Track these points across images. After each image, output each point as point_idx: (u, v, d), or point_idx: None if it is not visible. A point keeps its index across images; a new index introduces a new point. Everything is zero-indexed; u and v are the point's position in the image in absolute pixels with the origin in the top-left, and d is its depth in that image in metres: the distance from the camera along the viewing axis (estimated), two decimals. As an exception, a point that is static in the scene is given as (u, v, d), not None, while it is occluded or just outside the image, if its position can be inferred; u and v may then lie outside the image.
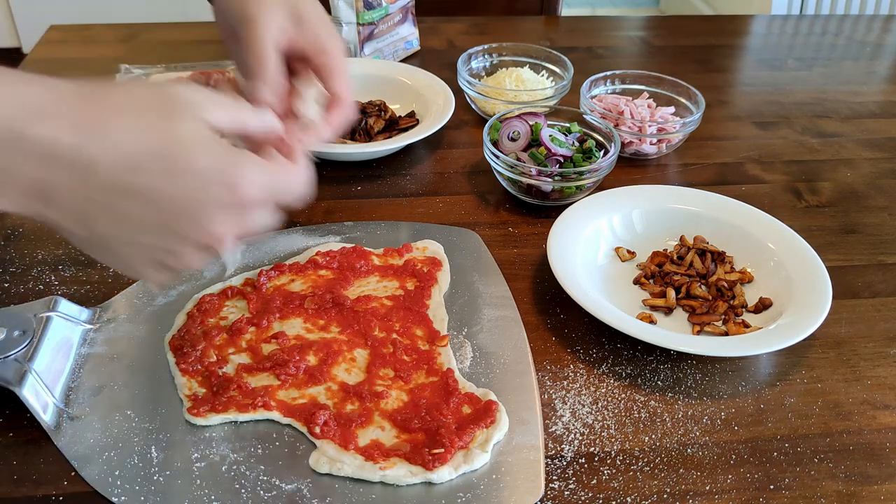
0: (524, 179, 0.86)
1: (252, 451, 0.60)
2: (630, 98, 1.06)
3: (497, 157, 0.87)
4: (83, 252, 0.48)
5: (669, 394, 0.67)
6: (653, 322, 0.74)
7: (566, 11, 2.66)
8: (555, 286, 0.74)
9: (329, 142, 0.60)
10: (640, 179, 0.97)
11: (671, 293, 0.76)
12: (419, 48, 1.29)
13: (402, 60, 1.25)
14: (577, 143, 0.93)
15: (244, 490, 0.57)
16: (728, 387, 0.68)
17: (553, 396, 0.66)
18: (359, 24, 1.17)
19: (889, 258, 0.85)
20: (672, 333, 0.71)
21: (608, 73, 1.08)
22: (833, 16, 1.92)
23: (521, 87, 1.08)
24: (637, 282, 0.79)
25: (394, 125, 1.01)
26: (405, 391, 0.65)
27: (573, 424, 0.64)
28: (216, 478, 0.58)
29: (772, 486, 0.60)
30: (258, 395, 0.63)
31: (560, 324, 0.74)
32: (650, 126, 0.97)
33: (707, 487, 0.59)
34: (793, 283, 0.75)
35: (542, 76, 1.14)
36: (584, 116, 0.95)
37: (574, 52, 1.27)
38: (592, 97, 1.05)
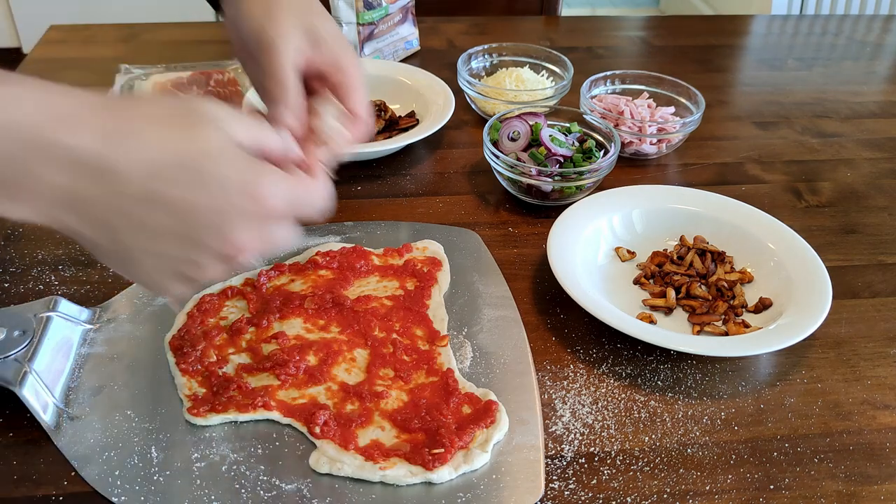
0: (524, 179, 0.86)
1: (252, 451, 0.60)
2: (630, 98, 1.06)
3: (497, 157, 0.87)
4: (105, 264, 0.48)
5: (669, 394, 0.67)
6: (653, 322, 0.74)
7: (566, 11, 2.66)
8: (555, 286, 0.74)
9: (347, 158, 0.61)
10: (640, 179, 0.97)
11: (671, 293, 0.76)
12: (419, 48, 1.29)
13: (402, 60, 1.25)
14: (577, 143, 0.93)
15: (244, 490, 0.57)
16: (728, 387, 0.68)
17: (553, 396, 0.66)
18: (359, 24, 1.17)
19: (889, 258, 0.85)
20: (672, 333, 0.71)
21: (608, 73, 1.08)
22: (833, 16, 1.92)
23: (521, 87, 1.08)
24: (637, 282, 0.79)
25: (394, 125, 1.01)
26: (405, 391, 0.65)
27: (573, 424, 0.64)
28: (216, 478, 0.58)
29: (772, 486, 0.60)
30: (258, 395, 0.63)
31: (560, 324, 0.74)
32: (650, 126, 0.97)
33: (707, 487, 0.59)
34: (793, 283, 0.75)
35: (542, 76, 1.14)
36: (584, 116, 0.95)
37: (574, 52, 1.27)
38: (592, 97, 1.05)
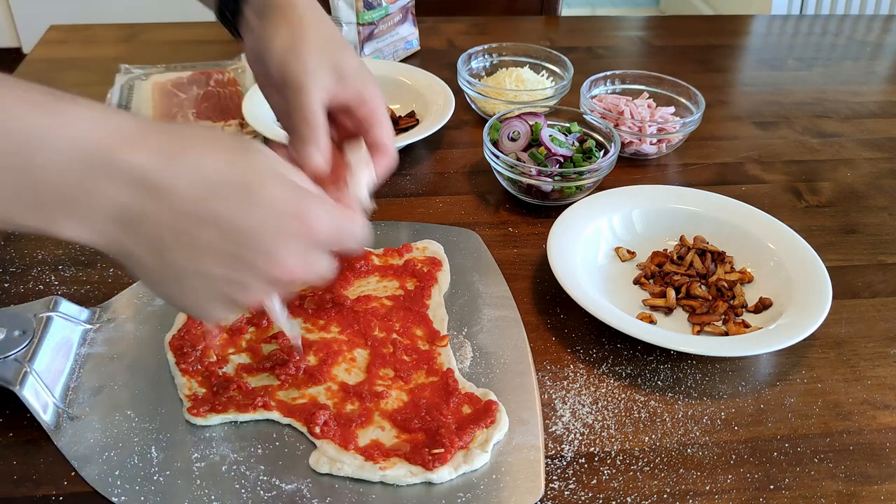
0: (524, 179, 0.86)
1: (252, 451, 0.60)
2: (630, 98, 1.06)
3: (497, 157, 0.87)
4: (151, 290, 0.49)
5: (669, 394, 0.67)
6: (653, 322, 0.74)
7: (566, 11, 2.66)
8: (555, 286, 0.74)
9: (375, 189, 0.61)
10: (640, 179, 0.97)
11: (671, 293, 0.76)
12: (419, 48, 1.29)
13: (402, 60, 1.25)
14: (577, 143, 0.93)
15: (244, 490, 0.57)
16: (728, 387, 0.68)
17: (553, 396, 0.66)
18: (359, 24, 1.17)
19: (889, 258, 0.85)
20: (672, 333, 0.71)
21: (608, 73, 1.08)
22: (833, 16, 1.92)
23: (521, 87, 1.08)
24: (637, 282, 0.79)
25: (393, 125, 1.01)
26: (405, 391, 0.65)
27: (573, 424, 0.64)
28: (216, 478, 0.58)
29: (772, 486, 0.60)
30: (258, 395, 0.63)
31: (560, 324, 0.74)
32: (650, 126, 0.97)
33: (707, 487, 0.59)
34: (793, 283, 0.75)
35: (542, 76, 1.14)
36: (584, 116, 0.95)
37: (574, 52, 1.27)
38: (592, 97, 1.05)
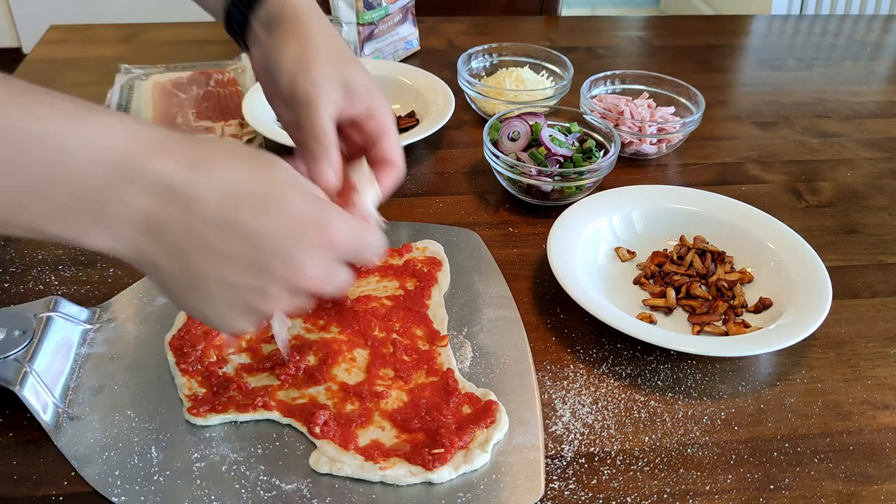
0: (524, 179, 0.86)
1: (252, 451, 0.60)
2: (630, 98, 1.06)
3: (497, 157, 0.87)
4: (173, 301, 0.49)
5: (669, 394, 0.67)
6: (653, 322, 0.74)
7: (566, 11, 2.66)
8: (555, 286, 0.74)
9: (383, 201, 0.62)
10: (640, 179, 0.97)
11: (671, 293, 0.76)
12: (419, 48, 1.29)
13: (402, 60, 1.25)
14: (577, 143, 0.93)
15: (244, 490, 0.57)
16: (728, 387, 0.68)
17: (553, 396, 0.66)
18: (359, 24, 1.17)
19: (889, 258, 0.85)
20: (672, 333, 0.71)
21: (608, 73, 1.08)
22: (833, 16, 1.92)
23: (521, 87, 1.08)
24: (637, 282, 0.79)
25: (394, 125, 1.01)
26: (405, 391, 0.65)
27: (573, 424, 0.64)
28: (216, 478, 0.58)
29: (772, 486, 0.60)
30: (258, 395, 0.63)
31: (560, 324, 0.74)
32: (650, 126, 0.97)
33: (707, 487, 0.59)
34: (793, 283, 0.75)
35: (542, 76, 1.14)
36: (584, 116, 0.95)
37: (574, 52, 1.27)
38: (592, 97, 1.05)
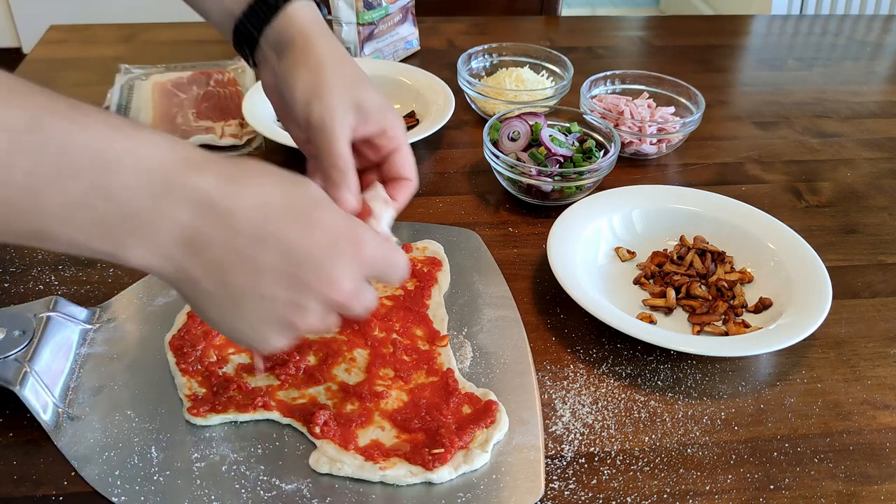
0: (524, 179, 0.86)
1: (252, 451, 0.60)
2: (630, 98, 1.06)
3: (497, 157, 0.87)
4: (208, 320, 0.50)
5: (669, 394, 0.67)
6: (653, 322, 0.74)
7: (566, 11, 2.66)
8: (555, 286, 0.74)
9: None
10: (640, 179, 0.97)
11: (671, 293, 0.76)
12: (419, 48, 1.29)
13: (402, 60, 1.25)
14: (577, 143, 0.93)
15: (244, 490, 0.57)
16: (728, 387, 0.68)
17: (553, 396, 0.66)
18: (359, 24, 1.17)
19: (889, 258, 0.85)
20: (672, 333, 0.71)
21: (608, 73, 1.08)
22: (833, 16, 1.92)
23: (521, 87, 1.08)
24: (637, 282, 0.79)
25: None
26: (405, 391, 0.65)
27: (573, 424, 0.64)
28: (216, 478, 0.58)
29: (772, 486, 0.60)
30: (258, 395, 0.63)
31: (560, 324, 0.74)
32: (650, 126, 0.97)
33: (707, 487, 0.59)
34: (793, 283, 0.75)
35: (542, 76, 1.14)
36: (584, 116, 0.95)
37: (574, 52, 1.27)
38: (592, 97, 1.05)
